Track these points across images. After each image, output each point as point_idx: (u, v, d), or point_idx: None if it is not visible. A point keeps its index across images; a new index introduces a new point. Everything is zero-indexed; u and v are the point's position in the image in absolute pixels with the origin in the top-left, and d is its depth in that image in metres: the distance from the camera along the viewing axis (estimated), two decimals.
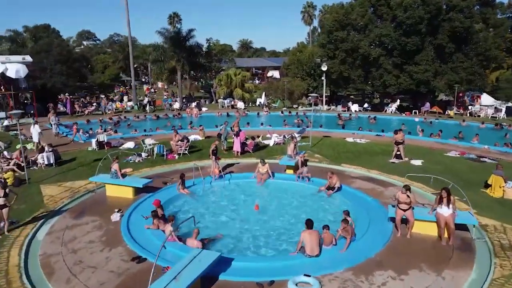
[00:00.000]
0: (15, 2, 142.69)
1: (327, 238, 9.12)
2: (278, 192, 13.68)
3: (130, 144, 20.34)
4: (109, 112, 33.77)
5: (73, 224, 10.87)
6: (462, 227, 10.02)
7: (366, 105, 37.06)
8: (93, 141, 19.93)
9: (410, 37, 33.27)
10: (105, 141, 20.07)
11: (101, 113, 33.28)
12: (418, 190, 13.06)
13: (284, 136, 22.33)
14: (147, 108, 34.81)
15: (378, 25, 36.19)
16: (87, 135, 23.34)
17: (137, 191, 12.86)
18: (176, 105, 35.64)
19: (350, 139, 22.47)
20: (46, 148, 16.92)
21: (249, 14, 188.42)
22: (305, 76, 44.28)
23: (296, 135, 22.33)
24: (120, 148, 19.97)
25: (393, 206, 10.35)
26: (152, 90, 66.51)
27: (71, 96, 40.83)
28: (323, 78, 36.35)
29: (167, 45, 44.20)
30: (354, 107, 35.79)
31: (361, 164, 16.85)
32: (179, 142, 18.67)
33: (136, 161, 17.28)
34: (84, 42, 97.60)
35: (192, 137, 22.15)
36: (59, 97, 38.12)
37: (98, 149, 19.64)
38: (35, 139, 20.46)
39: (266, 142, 21.43)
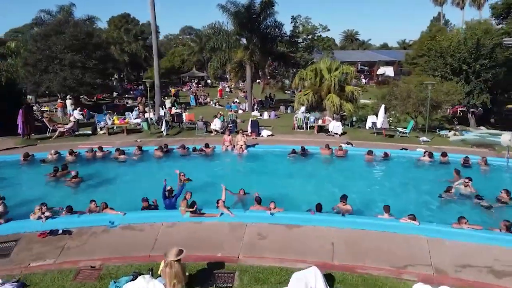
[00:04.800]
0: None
1: None
2: None
3: None
4: (102, 132, 19.35)
5: None
6: None
7: None
8: None
9: None
10: None
11: (90, 133, 19.20)
12: None
13: None
14: (163, 127, 18.98)
15: None
16: None
17: None
18: (216, 125, 19.32)
19: None
20: None
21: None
22: (449, 75, 25.17)
23: None
24: None
25: None
26: (227, 89, 51.49)
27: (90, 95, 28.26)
28: None
29: (233, 26, 29.63)
30: None
31: None
32: None
33: None
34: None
35: None
36: (60, 102, 25.58)
37: None
38: None
39: None
